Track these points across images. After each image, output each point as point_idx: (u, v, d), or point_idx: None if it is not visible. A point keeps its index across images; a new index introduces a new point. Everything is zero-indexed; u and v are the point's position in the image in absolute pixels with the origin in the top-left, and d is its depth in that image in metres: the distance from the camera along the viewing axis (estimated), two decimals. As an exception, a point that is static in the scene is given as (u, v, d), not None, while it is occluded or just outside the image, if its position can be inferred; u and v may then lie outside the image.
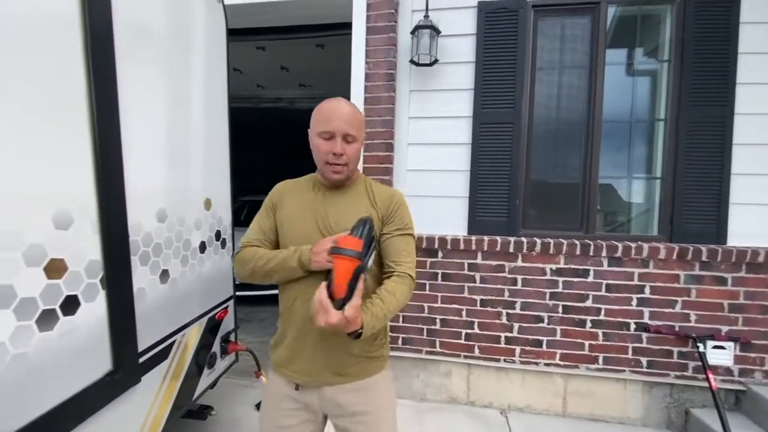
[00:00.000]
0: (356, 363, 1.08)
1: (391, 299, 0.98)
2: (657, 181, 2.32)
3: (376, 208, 1.10)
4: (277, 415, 1.11)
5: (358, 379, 1.09)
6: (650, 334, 2.16)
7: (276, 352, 1.14)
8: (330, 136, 1.03)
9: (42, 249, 0.97)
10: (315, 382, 1.07)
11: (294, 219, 1.10)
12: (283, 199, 1.14)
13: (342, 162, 1.04)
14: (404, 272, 1.04)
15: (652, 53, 2.41)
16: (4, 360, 0.87)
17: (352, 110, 1.06)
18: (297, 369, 1.08)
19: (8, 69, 0.89)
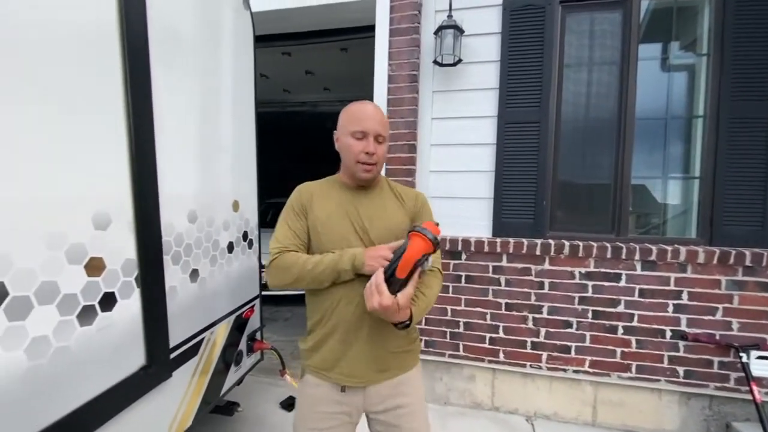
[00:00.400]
0: (395, 358, 1.11)
1: (431, 293, 1.06)
2: (695, 180, 2.20)
3: (404, 207, 1.14)
4: (316, 418, 1.10)
5: (400, 374, 1.12)
6: (688, 342, 2.04)
7: (316, 356, 1.12)
8: (363, 136, 1.05)
9: (83, 248, 1.02)
10: (361, 382, 1.08)
11: (328, 221, 1.09)
12: (314, 201, 1.13)
13: (373, 161, 1.07)
14: (435, 267, 1.09)
15: (689, 47, 2.29)
16: (48, 352, 0.93)
17: (382, 113, 1.11)
18: (343, 371, 1.08)
19: (54, 79, 0.95)
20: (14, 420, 0.86)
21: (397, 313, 0.93)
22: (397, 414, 1.11)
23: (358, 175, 1.08)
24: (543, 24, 2.21)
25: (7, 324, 0.84)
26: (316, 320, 1.11)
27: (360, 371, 1.07)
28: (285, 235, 1.10)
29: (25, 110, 0.88)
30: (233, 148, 1.81)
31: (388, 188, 1.18)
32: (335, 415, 1.10)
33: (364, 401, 1.11)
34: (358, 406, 1.12)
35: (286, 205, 1.15)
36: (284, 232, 1.11)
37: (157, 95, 1.27)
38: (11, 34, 0.85)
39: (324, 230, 1.08)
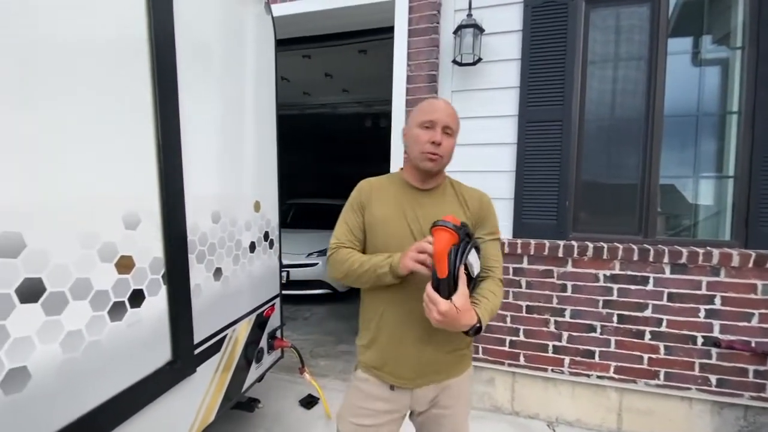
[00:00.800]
0: (446, 362, 1.10)
1: (493, 297, 1.01)
2: (729, 180, 2.10)
3: (467, 212, 1.10)
4: (361, 413, 1.12)
5: (449, 379, 1.11)
6: (721, 349, 1.95)
7: (367, 353, 1.14)
8: (431, 125, 1.04)
9: (114, 247, 1.07)
10: (409, 383, 1.09)
11: (385, 219, 1.08)
12: (372, 198, 1.12)
13: (439, 152, 1.04)
14: (497, 277, 1.07)
15: (722, 40, 2.19)
16: (81, 346, 0.98)
17: (452, 108, 1.09)
18: (392, 371, 1.09)
19: (89, 89, 1.00)
20: (50, 409, 0.91)
21: (460, 318, 0.88)
22: (440, 415, 1.12)
23: (422, 165, 1.06)
24: (566, 20, 2.16)
25: (44, 318, 0.88)
26: (368, 318, 1.13)
27: (408, 373, 1.08)
28: (342, 232, 1.13)
29: (63, 118, 0.93)
30: (255, 151, 1.85)
31: (452, 191, 1.14)
32: (381, 414, 1.11)
33: (411, 401, 1.12)
34: (404, 404, 1.13)
35: (347, 201, 1.17)
36: (342, 229, 1.14)
37: (183, 101, 1.31)
38: (53, 49, 0.90)
39: (379, 229, 1.08)
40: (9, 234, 0.81)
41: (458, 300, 0.87)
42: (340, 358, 3.11)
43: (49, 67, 0.90)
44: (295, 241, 4.76)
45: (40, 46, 0.88)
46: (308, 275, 4.48)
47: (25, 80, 0.85)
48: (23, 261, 0.84)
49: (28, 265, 0.85)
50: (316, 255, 4.60)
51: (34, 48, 0.87)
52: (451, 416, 1.13)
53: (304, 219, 6.00)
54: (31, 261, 0.85)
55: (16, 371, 0.83)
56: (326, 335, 3.64)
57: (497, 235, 1.12)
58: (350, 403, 1.16)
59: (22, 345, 0.84)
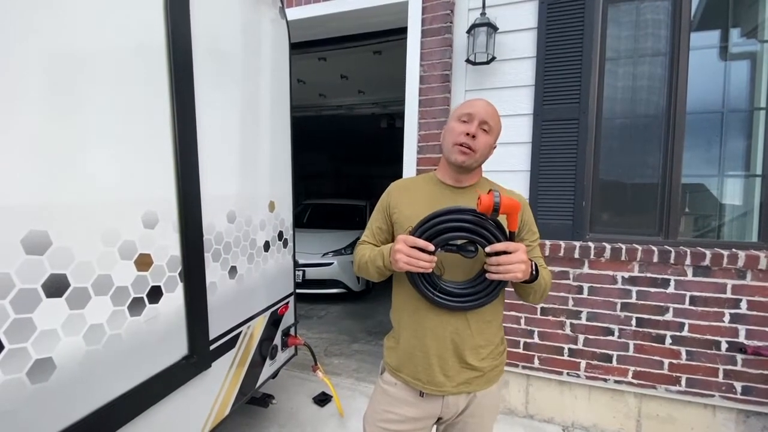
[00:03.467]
0: (478, 375, 1.05)
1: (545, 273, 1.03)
2: (756, 179, 2.01)
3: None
4: (390, 418, 1.10)
5: (483, 388, 1.07)
6: (747, 355, 1.87)
7: (393, 355, 1.12)
8: (468, 119, 1.02)
9: (133, 245, 1.12)
10: (440, 391, 1.05)
11: (413, 218, 1.02)
12: (402, 199, 1.12)
13: (472, 146, 1.00)
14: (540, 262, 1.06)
15: (750, 33, 2.10)
16: (102, 339, 1.02)
17: (491, 108, 1.05)
18: (422, 377, 1.06)
19: (110, 94, 1.05)
20: (73, 399, 0.96)
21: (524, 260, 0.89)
22: (466, 423, 1.10)
23: (452, 157, 1.03)
24: (582, 16, 2.11)
25: (68, 312, 0.93)
26: (398, 319, 1.12)
27: (439, 380, 1.04)
28: (367, 233, 1.20)
29: (85, 122, 0.98)
30: (270, 152, 1.89)
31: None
32: (409, 420, 1.08)
33: (442, 410, 1.08)
34: (434, 412, 1.08)
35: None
36: (367, 231, 1.20)
37: (199, 104, 1.35)
38: (77, 55, 0.95)
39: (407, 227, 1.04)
40: (36, 232, 0.86)
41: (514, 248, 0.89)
42: (353, 357, 3.14)
43: (72, 73, 0.95)
44: (312, 241, 4.83)
45: (65, 53, 0.93)
46: (324, 274, 4.53)
47: (50, 87, 0.90)
48: (49, 258, 0.89)
49: (53, 261, 0.90)
50: (331, 255, 4.65)
51: (59, 55, 0.92)
52: (478, 425, 1.11)
53: (320, 219, 6.08)
54: (56, 258, 0.90)
55: (42, 362, 0.88)
56: (341, 334, 3.68)
57: (538, 238, 1.12)
58: (375, 407, 1.14)
59: (47, 337, 0.89)
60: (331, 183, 11.03)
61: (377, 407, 1.14)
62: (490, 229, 0.92)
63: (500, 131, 1.07)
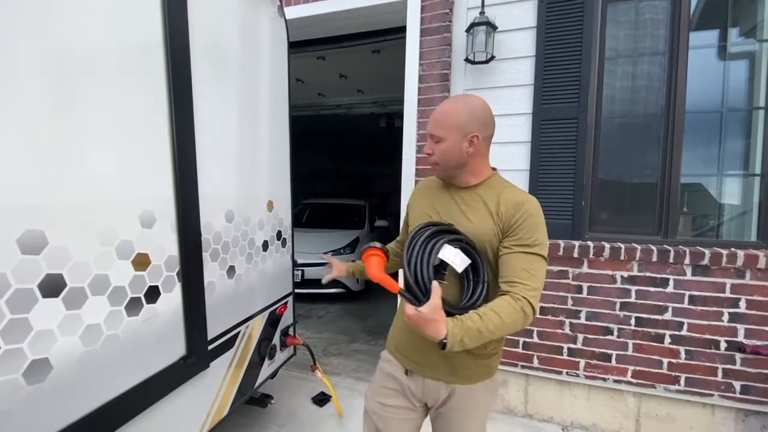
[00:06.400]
0: (460, 367, 1.06)
1: (492, 317, 0.87)
2: (755, 178, 2.01)
3: (497, 217, 1.00)
4: (381, 392, 1.17)
5: (462, 384, 1.07)
6: (746, 355, 1.87)
7: (391, 333, 1.22)
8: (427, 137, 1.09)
9: (131, 245, 1.11)
10: (420, 370, 1.10)
11: (418, 215, 1.14)
12: (416, 197, 1.23)
13: (431, 161, 1.08)
14: (519, 295, 0.90)
15: (749, 33, 2.10)
16: (99, 339, 1.02)
17: (444, 109, 1.05)
18: (406, 354, 1.13)
19: (107, 95, 1.04)
20: (70, 400, 0.95)
21: (425, 327, 0.85)
22: (450, 417, 1.11)
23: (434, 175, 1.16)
24: (582, 15, 2.11)
25: (65, 312, 0.93)
26: (398, 303, 1.21)
27: (420, 360, 1.09)
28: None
29: (82, 120, 0.97)
30: (268, 151, 1.89)
31: (494, 190, 1.05)
32: (398, 395, 1.15)
33: (424, 392, 1.11)
34: (418, 394, 1.12)
35: None
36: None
37: (197, 103, 1.35)
38: (72, 55, 0.94)
39: (413, 225, 1.09)
40: (32, 232, 0.85)
41: (425, 308, 0.85)
42: (352, 357, 3.13)
43: (69, 71, 0.94)
44: (311, 241, 4.82)
45: (61, 50, 0.92)
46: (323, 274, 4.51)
47: (46, 85, 0.89)
48: (45, 258, 0.88)
49: (49, 261, 0.89)
50: (330, 254, 4.65)
51: (55, 52, 0.91)
52: (461, 421, 1.11)
53: (319, 219, 6.06)
54: (52, 258, 0.89)
55: (39, 362, 0.87)
56: (340, 334, 3.67)
57: (533, 249, 0.95)
58: (374, 382, 1.22)
59: (44, 337, 0.88)
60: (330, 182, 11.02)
61: (375, 382, 1.21)
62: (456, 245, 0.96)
63: (463, 124, 1.01)
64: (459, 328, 0.86)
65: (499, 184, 1.08)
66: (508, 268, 0.95)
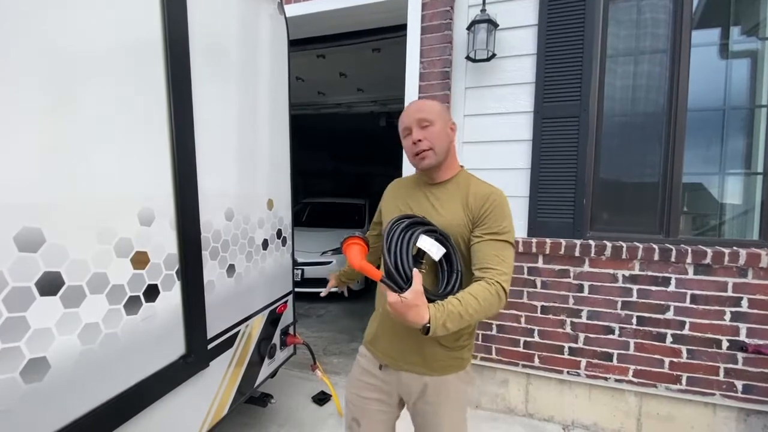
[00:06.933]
0: (433, 358, 1.09)
1: (470, 300, 0.91)
2: (758, 177, 2.00)
3: (467, 209, 1.06)
4: (358, 385, 1.22)
5: (435, 375, 1.10)
6: (748, 354, 1.86)
7: (368, 328, 1.25)
8: (408, 131, 1.10)
9: (129, 243, 1.10)
10: (395, 364, 1.13)
11: (386, 216, 1.20)
12: (388, 196, 1.27)
13: (424, 147, 1.07)
14: (492, 279, 0.96)
15: (751, 31, 2.09)
16: (98, 338, 1.01)
17: (422, 101, 1.13)
18: (381, 349, 1.17)
19: (106, 90, 1.03)
20: (68, 399, 0.94)
21: (407, 313, 0.86)
22: (425, 411, 1.13)
23: (419, 166, 1.12)
24: (583, 13, 2.10)
25: (63, 310, 0.92)
26: (377, 299, 1.22)
27: (394, 353, 1.13)
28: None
29: (81, 118, 0.96)
30: (268, 149, 1.87)
31: (463, 185, 1.10)
32: (374, 389, 1.18)
33: (399, 387, 1.14)
34: (392, 389, 1.16)
35: None
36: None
37: (197, 101, 1.34)
38: (72, 53, 0.93)
39: (384, 224, 1.14)
40: (29, 229, 0.84)
41: (408, 294, 0.87)
42: (352, 356, 3.12)
43: (67, 68, 0.93)
44: (310, 240, 4.81)
45: (59, 48, 0.91)
46: (323, 273, 4.51)
47: (44, 82, 0.88)
48: (42, 255, 0.87)
49: (47, 259, 0.88)
50: (330, 253, 4.64)
51: (54, 50, 0.90)
52: (437, 413, 1.12)
53: (319, 218, 6.06)
54: (50, 255, 0.88)
55: (36, 361, 0.86)
56: (339, 333, 3.67)
57: (502, 236, 1.01)
58: (352, 375, 1.26)
59: (41, 336, 0.87)
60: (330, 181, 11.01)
61: (353, 375, 1.25)
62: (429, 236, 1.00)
63: (445, 112, 1.11)
64: (441, 312, 0.89)
65: (467, 179, 1.14)
66: (480, 255, 1.01)
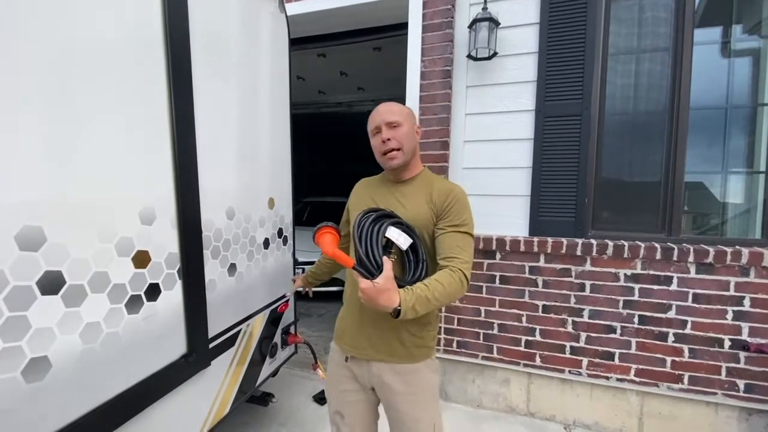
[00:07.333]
0: (400, 346, 1.14)
1: (437, 285, 0.99)
2: (760, 175, 2.00)
3: (431, 203, 1.14)
4: (335, 379, 1.27)
5: (402, 363, 1.15)
6: (750, 353, 1.86)
7: (336, 324, 1.31)
8: (377, 131, 1.16)
9: (131, 242, 1.10)
10: (363, 355, 1.18)
11: (354, 213, 1.22)
12: (355, 195, 1.33)
13: (392, 146, 1.13)
14: (456, 267, 1.04)
15: (753, 29, 2.08)
16: (99, 337, 1.00)
17: (391, 104, 1.18)
18: (347, 341, 1.22)
19: (106, 88, 1.02)
20: (69, 399, 0.94)
21: (379, 298, 0.92)
22: (400, 400, 1.16)
23: (387, 165, 1.18)
24: (585, 12, 2.09)
25: (64, 310, 0.91)
26: (345, 295, 1.28)
27: (360, 344, 1.18)
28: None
29: (81, 116, 0.96)
30: (269, 148, 1.87)
31: (426, 183, 1.19)
32: (349, 380, 1.23)
33: (370, 377, 1.18)
34: (364, 379, 1.20)
35: None
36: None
37: (197, 99, 1.33)
38: (71, 50, 0.92)
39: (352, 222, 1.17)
40: (30, 228, 0.84)
41: (379, 279, 0.93)
42: (354, 355, 3.12)
43: (67, 66, 0.92)
44: (311, 239, 4.80)
45: (59, 46, 0.91)
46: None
47: (44, 80, 0.88)
48: (44, 254, 0.86)
49: (48, 258, 0.87)
50: (331, 253, 4.62)
51: (54, 48, 0.89)
52: (413, 402, 1.15)
53: (320, 217, 6.04)
54: (51, 254, 0.88)
55: (38, 361, 0.86)
56: (340, 332, 3.66)
57: (463, 228, 1.10)
58: (329, 371, 1.32)
59: (43, 335, 0.87)
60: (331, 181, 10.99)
61: (329, 372, 1.31)
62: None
63: (411, 116, 1.19)
64: (410, 296, 0.96)
65: (430, 177, 1.22)
66: (443, 245, 1.09)
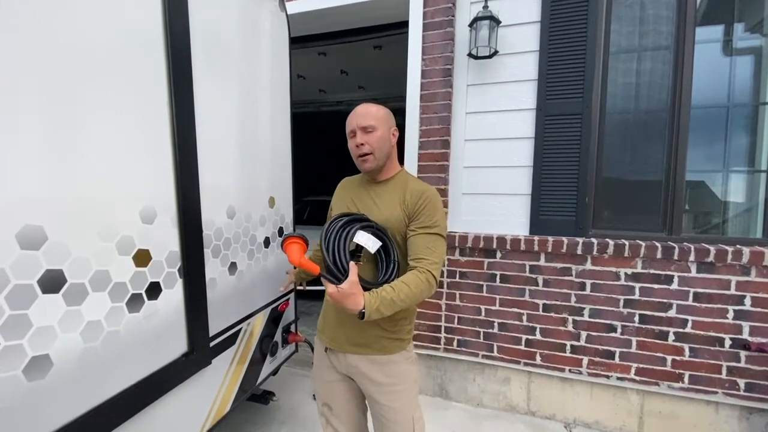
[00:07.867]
0: (375, 339, 1.18)
1: (402, 287, 1.04)
2: (761, 174, 1.99)
3: (404, 205, 1.17)
4: (320, 371, 1.33)
5: (378, 354, 1.19)
6: (751, 352, 1.86)
7: (319, 319, 1.36)
8: (353, 134, 1.19)
9: (131, 240, 1.10)
10: (340, 348, 1.23)
11: (337, 210, 1.27)
12: (337, 195, 1.36)
13: (365, 151, 1.17)
14: (424, 268, 1.08)
15: (755, 28, 2.07)
16: (100, 336, 1.01)
17: (368, 107, 1.20)
18: (328, 335, 1.27)
19: (107, 87, 1.02)
20: (70, 397, 0.94)
21: (345, 301, 0.98)
22: (379, 391, 1.20)
23: (361, 168, 1.23)
24: (586, 10, 2.08)
25: (65, 308, 0.91)
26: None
27: (338, 338, 1.23)
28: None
29: (82, 115, 0.96)
30: (269, 147, 1.87)
31: (401, 184, 1.22)
32: (332, 371, 1.28)
33: (348, 369, 1.23)
34: (341, 369, 1.25)
35: None
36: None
37: (198, 98, 1.33)
38: (72, 49, 0.92)
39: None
40: (31, 227, 0.84)
41: (344, 284, 0.99)
42: (354, 354, 3.12)
43: (68, 65, 0.92)
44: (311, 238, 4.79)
45: (60, 45, 0.91)
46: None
47: (45, 79, 0.88)
48: (45, 253, 0.86)
49: (49, 257, 0.87)
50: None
51: (54, 47, 0.89)
52: (392, 393, 1.19)
53: (320, 216, 6.05)
54: (52, 253, 0.88)
55: (39, 359, 0.86)
56: (341, 331, 3.66)
57: (434, 229, 1.13)
58: (314, 364, 1.37)
59: (44, 334, 0.87)
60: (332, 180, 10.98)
61: (315, 365, 1.37)
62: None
63: (388, 117, 1.21)
64: (375, 298, 1.01)
65: (405, 178, 1.24)
66: (413, 247, 1.12)
